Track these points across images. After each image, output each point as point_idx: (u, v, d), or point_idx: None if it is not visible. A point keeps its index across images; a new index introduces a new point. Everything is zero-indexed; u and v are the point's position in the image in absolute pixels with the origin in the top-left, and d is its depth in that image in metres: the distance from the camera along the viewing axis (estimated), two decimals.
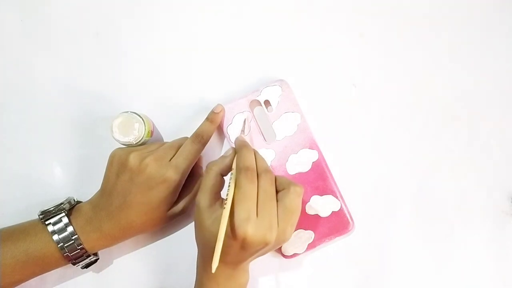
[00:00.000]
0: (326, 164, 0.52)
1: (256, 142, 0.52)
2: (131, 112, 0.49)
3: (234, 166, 0.44)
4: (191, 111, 0.54)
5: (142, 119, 0.49)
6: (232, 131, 0.52)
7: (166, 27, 0.55)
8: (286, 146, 0.52)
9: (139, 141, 0.49)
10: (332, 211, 0.52)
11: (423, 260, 0.53)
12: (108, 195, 0.48)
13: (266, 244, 0.41)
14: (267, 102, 0.52)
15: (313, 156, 0.52)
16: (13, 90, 0.55)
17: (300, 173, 0.52)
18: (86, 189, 0.51)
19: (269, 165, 0.52)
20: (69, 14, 0.55)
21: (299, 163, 0.52)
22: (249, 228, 0.40)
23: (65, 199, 0.50)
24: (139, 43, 0.55)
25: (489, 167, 0.54)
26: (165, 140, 0.54)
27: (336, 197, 0.52)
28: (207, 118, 0.51)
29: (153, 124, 0.53)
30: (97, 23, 0.55)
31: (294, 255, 0.51)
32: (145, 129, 0.49)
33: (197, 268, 0.46)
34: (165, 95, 0.55)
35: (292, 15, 0.55)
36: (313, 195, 0.52)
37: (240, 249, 0.41)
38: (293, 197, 0.42)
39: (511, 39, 0.55)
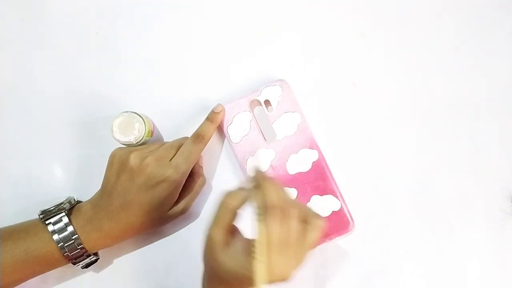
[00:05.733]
0: (326, 164, 0.52)
1: (256, 142, 0.52)
2: (131, 112, 0.49)
3: (255, 200, 0.40)
4: (191, 111, 0.54)
5: (142, 119, 0.49)
6: (232, 131, 0.52)
7: (166, 27, 0.55)
8: (286, 146, 0.52)
9: (140, 141, 0.49)
10: (332, 211, 0.52)
11: (423, 259, 0.53)
12: (109, 195, 0.48)
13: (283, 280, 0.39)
14: (267, 102, 0.52)
15: (313, 156, 0.52)
16: (13, 90, 0.55)
17: (300, 173, 0.52)
18: (86, 189, 0.51)
19: (269, 165, 0.52)
20: (69, 14, 0.55)
21: (299, 163, 0.52)
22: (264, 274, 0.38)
23: (65, 198, 0.49)
24: (139, 43, 0.55)
25: (489, 167, 0.54)
26: (165, 140, 0.54)
27: (336, 197, 0.52)
28: (207, 118, 0.51)
29: (153, 124, 0.53)
30: (97, 23, 0.55)
31: None
32: (145, 129, 0.49)
33: (202, 285, 0.44)
34: (165, 95, 0.55)
35: (292, 15, 0.55)
36: (313, 195, 0.52)
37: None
38: (316, 233, 0.40)
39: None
